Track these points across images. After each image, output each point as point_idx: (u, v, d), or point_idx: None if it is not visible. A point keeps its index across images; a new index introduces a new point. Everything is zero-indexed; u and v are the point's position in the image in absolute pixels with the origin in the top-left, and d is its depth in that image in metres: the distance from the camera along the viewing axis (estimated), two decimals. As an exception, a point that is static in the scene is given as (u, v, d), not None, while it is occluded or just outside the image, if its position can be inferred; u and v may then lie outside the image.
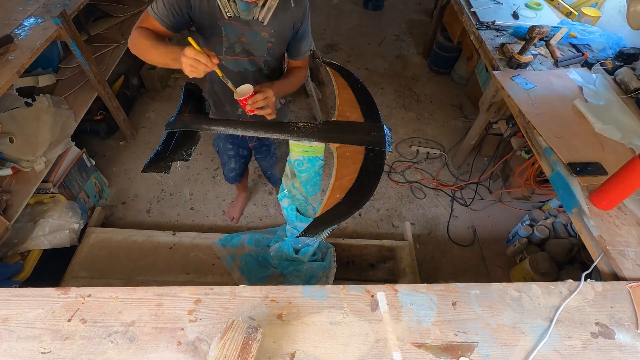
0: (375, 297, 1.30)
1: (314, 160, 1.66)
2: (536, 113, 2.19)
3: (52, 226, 2.46)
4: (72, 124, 2.74)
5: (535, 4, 3.21)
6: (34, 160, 2.41)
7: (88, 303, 1.24)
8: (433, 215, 3.25)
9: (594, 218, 1.68)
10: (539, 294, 1.36)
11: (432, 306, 1.30)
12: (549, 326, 1.26)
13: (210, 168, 3.46)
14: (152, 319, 1.21)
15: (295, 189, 1.85)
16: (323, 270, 2.48)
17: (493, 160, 3.44)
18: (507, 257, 2.95)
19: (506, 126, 2.85)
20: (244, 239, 2.76)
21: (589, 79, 2.45)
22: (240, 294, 1.29)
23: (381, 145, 1.49)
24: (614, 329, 1.29)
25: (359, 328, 1.23)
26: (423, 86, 4.50)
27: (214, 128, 1.53)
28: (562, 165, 1.90)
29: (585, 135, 2.07)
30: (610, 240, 1.61)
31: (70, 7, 2.66)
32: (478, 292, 1.35)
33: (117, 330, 1.18)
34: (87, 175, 2.90)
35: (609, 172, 1.84)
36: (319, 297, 1.29)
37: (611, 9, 2.94)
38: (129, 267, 2.64)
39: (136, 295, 1.27)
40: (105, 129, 3.50)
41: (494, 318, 1.28)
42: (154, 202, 3.19)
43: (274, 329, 1.21)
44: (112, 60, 3.27)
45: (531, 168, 2.69)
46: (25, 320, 1.19)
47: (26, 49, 2.35)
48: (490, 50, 2.75)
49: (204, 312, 1.24)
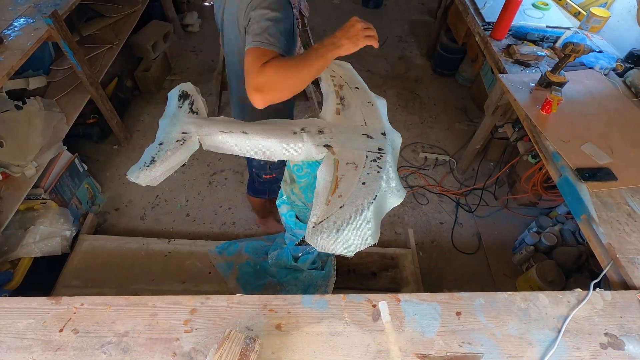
0: (377, 306, 1.30)
1: (314, 165, 1.66)
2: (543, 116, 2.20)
3: (43, 233, 2.46)
4: (64, 128, 2.74)
5: (542, 4, 3.23)
6: (24, 165, 2.41)
7: (80, 313, 1.24)
8: (437, 222, 3.25)
9: (603, 225, 1.68)
10: (547, 303, 1.36)
11: (436, 316, 1.30)
12: (557, 337, 1.26)
13: (207, 174, 3.46)
14: (147, 329, 1.21)
15: (295, 195, 1.85)
16: (322, 278, 2.47)
17: (499, 165, 3.44)
18: (513, 265, 2.95)
19: (512, 130, 2.86)
20: (242, 247, 2.76)
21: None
22: (238, 303, 1.29)
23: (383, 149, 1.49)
24: (623, 339, 1.29)
25: (360, 339, 1.23)
26: (426, 88, 4.51)
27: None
28: (570, 170, 1.91)
29: (594, 139, 2.07)
30: (619, 247, 1.61)
31: (61, 7, 2.67)
32: (483, 301, 1.35)
33: (110, 340, 1.18)
34: (80, 181, 2.90)
35: (618, 178, 1.85)
36: (319, 307, 1.30)
37: (621, 9, 2.95)
38: (122, 275, 2.63)
39: (130, 305, 1.27)
40: (98, 133, 3.51)
41: (500, 328, 1.28)
42: (148, 209, 3.19)
43: (273, 339, 1.21)
44: (105, 61, 3.28)
45: (538, 173, 2.69)
46: (15, 331, 1.19)
47: (16, 50, 2.36)
48: (496, 51, 2.76)
49: (200, 322, 1.24)
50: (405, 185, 3.47)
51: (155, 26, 4.21)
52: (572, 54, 2.20)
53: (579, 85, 2.43)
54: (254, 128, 1.51)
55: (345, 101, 1.68)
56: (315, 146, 1.48)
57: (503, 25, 2.81)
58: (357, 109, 1.65)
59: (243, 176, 3.45)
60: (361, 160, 1.44)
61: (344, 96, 1.70)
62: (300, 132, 1.51)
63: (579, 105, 2.30)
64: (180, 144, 1.46)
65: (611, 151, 2.01)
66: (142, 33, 4.06)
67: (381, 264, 2.75)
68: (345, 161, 1.43)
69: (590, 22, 2.98)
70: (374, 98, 1.73)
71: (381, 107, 1.71)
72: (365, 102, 1.69)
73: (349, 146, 1.48)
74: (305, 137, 1.49)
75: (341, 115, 1.62)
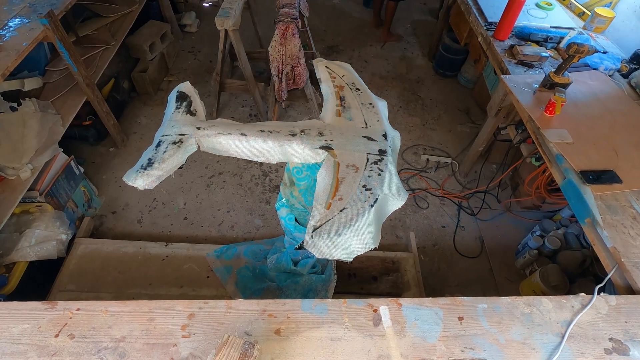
0: (378, 311, 1.31)
1: (314, 168, 1.66)
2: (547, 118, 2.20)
3: (39, 237, 2.46)
4: (60, 130, 2.75)
5: (546, 4, 3.24)
6: (19, 167, 2.41)
7: (76, 317, 1.24)
8: (439, 225, 3.25)
9: (608, 228, 1.69)
10: (550, 308, 1.36)
11: (438, 321, 1.30)
12: (561, 342, 1.27)
13: (205, 176, 3.47)
14: (144, 334, 1.22)
15: (294, 197, 1.86)
16: (322, 283, 2.48)
17: (502, 167, 3.44)
18: (516, 270, 2.95)
19: (515, 132, 2.86)
20: (240, 251, 2.76)
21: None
22: (236, 308, 1.29)
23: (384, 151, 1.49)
24: (628, 344, 1.29)
25: (361, 344, 1.23)
26: (428, 90, 4.51)
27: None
28: (574, 173, 1.91)
29: (598, 141, 2.07)
30: (624, 251, 1.61)
31: (57, 7, 2.67)
32: (486, 306, 1.35)
33: (106, 346, 1.19)
34: (76, 184, 2.91)
35: (623, 180, 1.85)
36: (319, 312, 1.30)
37: (626, 9, 2.95)
38: (119, 279, 2.64)
39: (127, 310, 1.27)
40: (94, 135, 3.51)
41: (503, 333, 1.28)
42: (145, 212, 3.19)
43: (272, 344, 1.21)
44: (101, 62, 3.29)
45: (542, 176, 2.70)
46: (10, 336, 1.20)
47: (11, 51, 2.36)
48: (499, 52, 2.77)
49: (198, 327, 1.24)
50: (407, 188, 3.48)
51: (152, 26, 4.22)
52: (576, 54, 2.21)
53: (583, 87, 2.44)
54: (252, 130, 1.51)
55: (345, 102, 1.68)
56: (315, 148, 1.48)
57: (506, 25, 2.82)
58: (357, 111, 1.65)
59: (242, 178, 3.46)
60: (362, 163, 1.44)
61: (345, 97, 1.71)
62: (299, 134, 1.51)
63: (583, 107, 2.30)
64: (177, 146, 1.46)
65: (616, 153, 2.01)
66: (139, 33, 4.06)
67: (382, 268, 2.75)
68: (345, 163, 1.43)
69: (594, 22, 2.99)
70: (374, 99, 1.74)
71: (382, 109, 1.71)
72: (366, 103, 1.70)
73: (349, 148, 1.49)
74: (305, 139, 1.49)
75: (341, 117, 1.62)
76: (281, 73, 3.21)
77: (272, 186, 3.43)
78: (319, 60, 1.91)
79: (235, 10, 3.10)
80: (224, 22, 3.04)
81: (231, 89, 3.81)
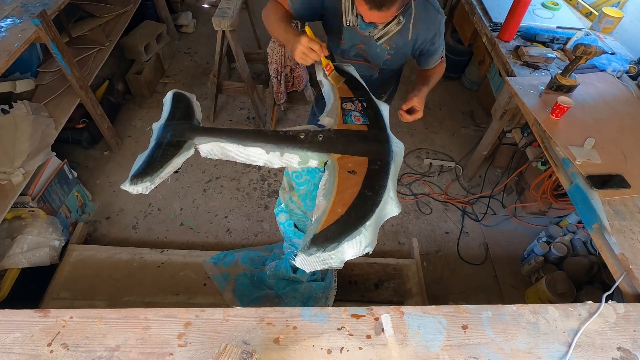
0: (379, 319, 1.31)
1: (314, 172, 1.66)
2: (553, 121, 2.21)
3: (31, 243, 2.46)
4: (53, 133, 2.75)
5: (552, 4, 3.25)
6: (11, 172, 2.41)
7: (70, 326, 1.25)
8: (442, 231, 3.26)
9: (616, 234, 1.69)
10: (557, 316, 1.37)
11: (441, 329, 1.30)
12: (567, 351, 1.27)
13: (202, 181, 3.47)
14: (139, 343, 1.22)
15: (293, 203, 1.86)
16: (322, 290, 2.47)
17: (507, 172, 3.45)
18: (521, 277, 2.95)
19: (521, 135, 2.87)
20: (238, 257, 2.76)
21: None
22: (234, 316, 1.29)
23: (385, 155, 1.49)
24: (637, 354, 1.29)
25: (362, 353, 1.23)
26: (431, 92, 4.48)
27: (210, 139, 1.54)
28: (581, 177, 1.91)
29: (606, 144, 2.08)
30: (633, 258, 1.61)
31: (50, 7, 2.67)
32: (490, 314, 1.36)
33: (100, 355, 1.19)
34: (69, 188, 2.91)
35: (631, 185, 1.86)
36: (319, 320, 1.30)
37: (634, 9, 2.97)
38: (113, 287, 2.63)
39: (121, 318, 1.28)
40: (88, 138, 3.51)
41: (508, 342, 1.29)
42: (140, 217, 3.20)
43: (271, 354, 1.21)
44: (95, 64, 3.29)
45: (548, 181, 2.70)
46: (1, 345, 1.20)
47: (2, 52, 2.36)
48: (504, 53, 2.78)
49: (194, 335, 1.24)
50: (409, 193, 3.49)
51: (147, 27, 4.22)
52: (583, 55, 2.20)
53: (591, 89, 2.44)
54: (250, 135, 1.51)
55: (347, 105, 1.69)
56: (316, 152, 1.48)
57: (511, 26, 2.83)
58: (359, 114, 1.66)
59: (240, 183, 3.46)
60: (363, 167, 1.45)
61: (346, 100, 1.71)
62: (299, 137, 1.52)
63: (590, 110, 2.31)
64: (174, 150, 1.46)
65: (624, 157, 2.02)
66: (134, 34, 4.07)
67: (384, 275, 2.75)
68: (346, 168, 1.43)
69: (602, 22, 3.00)
70: (376, 102, 1.74)
71: (384, 112, 1.72)
72: (368, 106, 1.70)
73: (350, 152, 1.49)
74: (306, 144, 1.50)
75: (342, 120, 1.63)
76: (280, 75, 3.22)
77: (271, 191, 3.43)
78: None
79: (232, 10, 3.11)
80: (221, 22, 3.05)
81: (229, 91, 3.82)
